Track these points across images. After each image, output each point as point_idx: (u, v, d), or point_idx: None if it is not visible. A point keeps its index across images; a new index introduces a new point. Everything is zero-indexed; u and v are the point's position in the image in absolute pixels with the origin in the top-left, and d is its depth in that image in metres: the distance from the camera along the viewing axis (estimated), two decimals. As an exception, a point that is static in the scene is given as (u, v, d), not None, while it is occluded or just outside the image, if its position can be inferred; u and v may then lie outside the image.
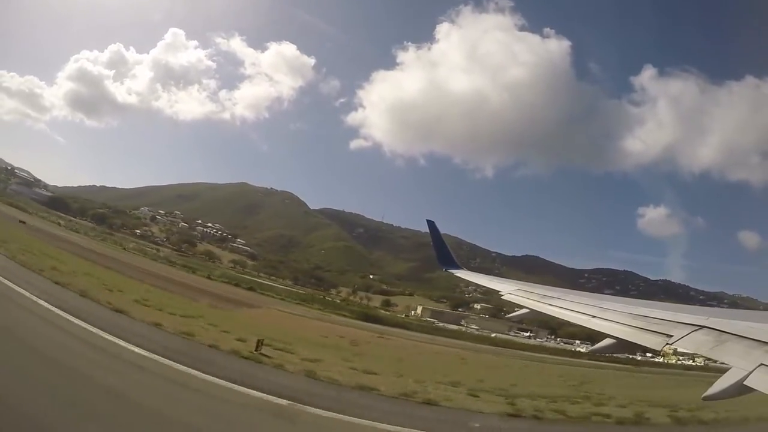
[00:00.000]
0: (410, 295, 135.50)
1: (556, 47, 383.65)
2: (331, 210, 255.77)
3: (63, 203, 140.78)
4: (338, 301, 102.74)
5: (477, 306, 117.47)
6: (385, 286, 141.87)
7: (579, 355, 67.94)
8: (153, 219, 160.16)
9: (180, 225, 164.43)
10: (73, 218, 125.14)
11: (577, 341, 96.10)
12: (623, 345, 5.41)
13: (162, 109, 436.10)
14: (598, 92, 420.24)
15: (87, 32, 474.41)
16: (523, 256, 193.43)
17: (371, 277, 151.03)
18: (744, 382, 4.23)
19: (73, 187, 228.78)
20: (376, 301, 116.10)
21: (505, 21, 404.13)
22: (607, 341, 5.52)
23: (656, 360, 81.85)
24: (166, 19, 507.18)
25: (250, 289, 77.32)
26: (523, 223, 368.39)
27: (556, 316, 5.76)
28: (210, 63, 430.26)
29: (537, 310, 5.95)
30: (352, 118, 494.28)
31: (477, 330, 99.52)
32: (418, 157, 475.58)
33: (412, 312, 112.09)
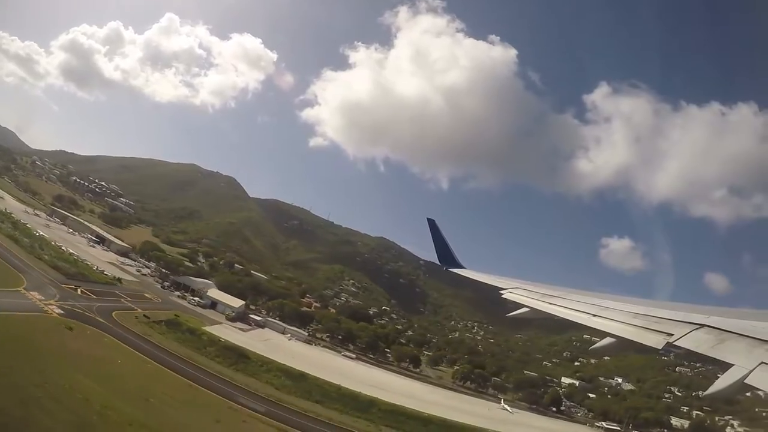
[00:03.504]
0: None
1: (501, 55, 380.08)
2: (274, 201, 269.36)
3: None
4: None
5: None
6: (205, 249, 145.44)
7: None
8: (33, 164, 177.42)
9: (53, 171, 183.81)
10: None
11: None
12: (624, 344, 5.44)
13: (141, 87, 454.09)
14: (547, 107, 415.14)
15: (90, 6, 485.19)
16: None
17: (204, 240, 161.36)
18: (745, 381, 4.27)
19: (44, 150, 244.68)
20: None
21: (446, 25, 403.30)
22: (607, 340, 5.53)
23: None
24: (164, 3, 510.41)
25: None
26: (469, 237, 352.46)
27: (557, 315, 5.74)
28: (197, 51, 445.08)
29: (538, 309, 5.92)
30: (310, 115, 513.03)
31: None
32: (373, 161, 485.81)
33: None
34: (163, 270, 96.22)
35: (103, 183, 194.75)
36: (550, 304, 5.85)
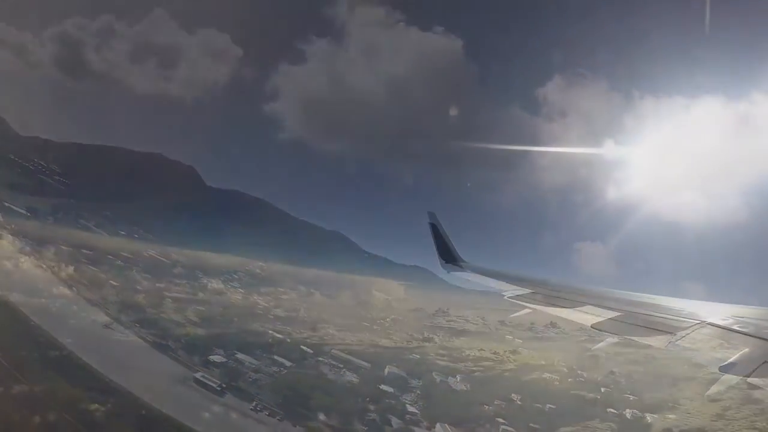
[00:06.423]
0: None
1: (446, 45, 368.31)
2: (233, 191, 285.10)
3: None
4: None
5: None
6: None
7: None
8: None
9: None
10: None
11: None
12: (626, 344, 5.44)
13: (124, 79, 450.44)
14: (500, 100, 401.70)
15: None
16: (412, 266, 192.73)
17: (108, 213, 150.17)
18: (748, 379, 4.28)
19: (22, 137, 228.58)
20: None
21: (385, 15, 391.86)
22: (610, 340, 5.54)
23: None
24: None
25: None
26: (424, 234, 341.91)
27: (558, 316, 5.74)
28: (174, 44, 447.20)
29: (539, 310, 5.92)
30: (274, 108, 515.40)
31: None
32: (338, 156, 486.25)
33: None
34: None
35: (42, 162, 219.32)
36: (552, 305, 5.85)
